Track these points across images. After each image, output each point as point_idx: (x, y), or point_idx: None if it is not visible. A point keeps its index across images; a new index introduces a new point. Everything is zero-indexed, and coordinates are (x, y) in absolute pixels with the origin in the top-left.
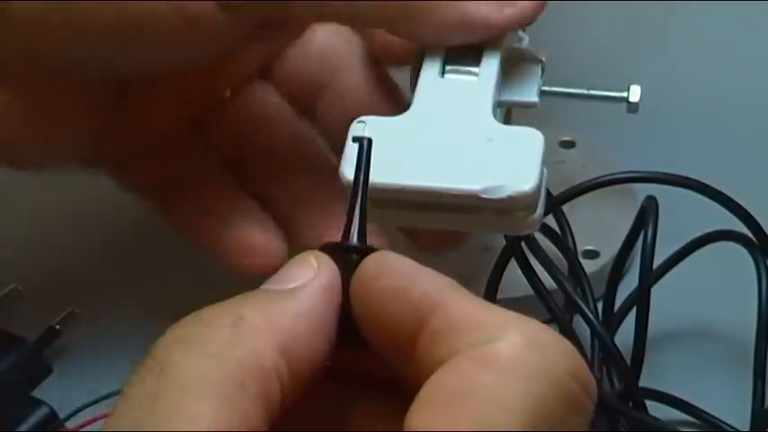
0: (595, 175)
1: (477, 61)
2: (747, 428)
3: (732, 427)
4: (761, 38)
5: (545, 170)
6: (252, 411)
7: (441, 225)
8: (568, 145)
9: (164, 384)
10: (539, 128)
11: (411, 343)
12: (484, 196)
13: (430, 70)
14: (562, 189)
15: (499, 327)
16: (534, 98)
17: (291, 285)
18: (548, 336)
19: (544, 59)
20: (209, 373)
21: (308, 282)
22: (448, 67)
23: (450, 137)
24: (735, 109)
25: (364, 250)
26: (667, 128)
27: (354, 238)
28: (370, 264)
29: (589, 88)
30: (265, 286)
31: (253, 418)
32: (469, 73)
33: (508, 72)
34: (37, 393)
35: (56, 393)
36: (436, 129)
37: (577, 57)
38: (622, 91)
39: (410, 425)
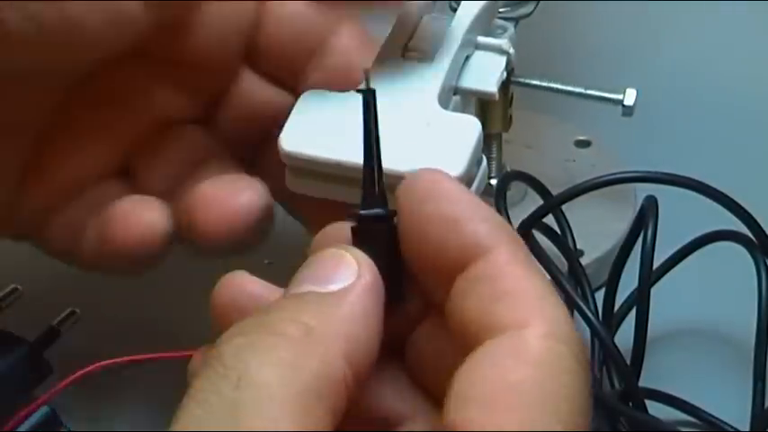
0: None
1: (437, 46)
2: (747, 428)
3: (732, 427)
4: (761, 38)
5: (484, 160)
6: (325, 420)
7: None
8: (583, 144)
9: (245, 392)
10: (558, 124)
11: (449, 277)
12: None
13: (389, 50)
14: (566, 188)
15: (530, 305)
16: (493, 88)
17: (335, 287)
18: (567, 323)
19: (511, 51)
20: (289, 383)
21: (354, 283)
22: (409, 49)
23: (392, 118)
24: (735, 109)
25: (393, 214)
26: (668, 128)
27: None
28: (422, 183)
29: (586, 88)
30: (306, 286)
31: (324, 426)
32: (427, 57)
33: (472, 61)
34: (37, 393)
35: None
36: (381, 108)
37: (577, 56)
38: (621, 92)
39: (453, 424)
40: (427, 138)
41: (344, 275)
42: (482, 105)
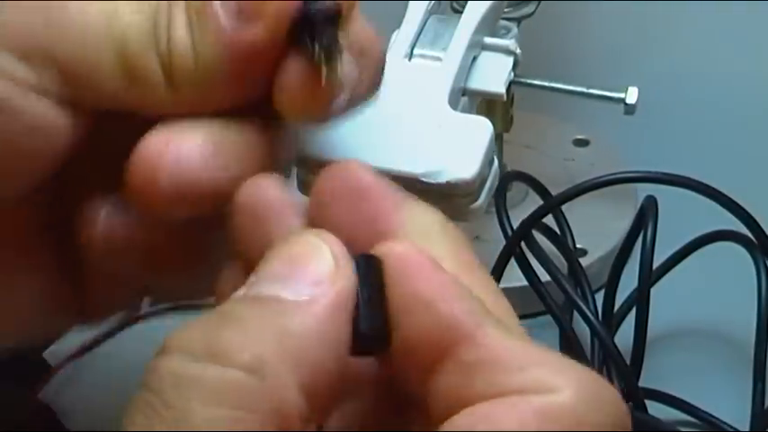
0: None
1: (444, 48)
2: (747, 428)
3: (732, 427)
4: (761, 38)
5: (495, 161)
6: None
7: None
8: (582, 143)
9: None
10: (556, 124)
11: (430, 364)
12: (424, 180)
13: (396, 52)
14: (566, 187)
15: (550, 373)
16: (501, 89)
17: (305, 292)
18: (601, 387)
19: (518, 52)
20: (234, 426)
21: (325, 292)
22: (415, 51)
23: (403, 120)
24: (735, 109)
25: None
26: (667, 128)
27: None
28: (392, 262)
29: (588, 87)
30: (271, 285)
31: None
32: (435, 58)
33: (480, 62)
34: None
35: (56, 393)
36: (390, 110)
37: (578, 56)
38: (621, 92)
39: None
40: (439, 140)
41: (316, 275)
42: (485, 106)
